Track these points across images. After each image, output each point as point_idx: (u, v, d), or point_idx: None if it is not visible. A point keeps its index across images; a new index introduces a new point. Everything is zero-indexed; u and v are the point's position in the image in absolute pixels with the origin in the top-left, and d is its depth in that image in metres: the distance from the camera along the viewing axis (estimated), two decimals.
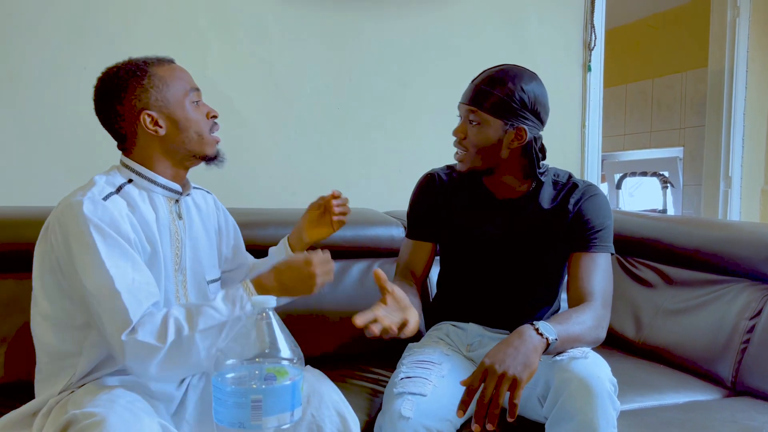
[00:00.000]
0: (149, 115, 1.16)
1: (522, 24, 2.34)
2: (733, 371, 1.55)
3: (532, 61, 2.33)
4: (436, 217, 1.49)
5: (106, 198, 1.11)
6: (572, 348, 1.20)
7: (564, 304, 1.49)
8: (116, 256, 1.06)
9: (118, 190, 1.15)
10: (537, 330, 1.15)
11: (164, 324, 1.03)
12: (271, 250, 1.47)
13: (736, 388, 1.54)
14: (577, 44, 2.42)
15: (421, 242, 1.51)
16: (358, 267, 1.78)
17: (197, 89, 1.23)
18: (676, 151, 4.00)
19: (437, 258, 1.57)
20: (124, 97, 1.16)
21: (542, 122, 1.37)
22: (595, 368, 1.13)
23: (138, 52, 1.86)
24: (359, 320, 1.09)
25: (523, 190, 1.42)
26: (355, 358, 1.63)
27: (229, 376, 0.85)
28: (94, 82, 1.82)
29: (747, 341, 1.55)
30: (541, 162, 1.40)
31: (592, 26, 2.40)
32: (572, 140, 2.46)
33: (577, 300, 1.32)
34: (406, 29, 2.19)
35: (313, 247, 1.26)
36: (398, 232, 1.82)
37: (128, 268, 1.06)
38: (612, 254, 1.40)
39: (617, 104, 4.46)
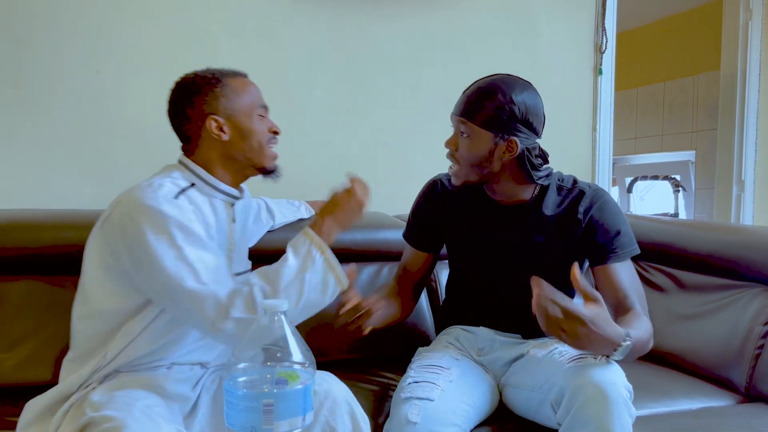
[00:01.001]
0: (215, 120, 1.22)
1: (533, 27, 2.33)
2: (747, 377, 1.53)
3: (543, 65, 2.33)
4: (435, 229, 1.50)
5: (176, 197, 1.15)
6: (631, 357, 1.16)
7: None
8: (199, 248, 1.11)
9: (182, 191, 1.19)
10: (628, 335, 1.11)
11: (251, 295, 1.08)
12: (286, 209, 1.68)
13: (751, 394, 1.53)
14: (589, 47, 2.41)
15: (417, 250, 1.53)
16: (367, 270, 1.78)
17: (265, 106, 1.30)
18: (688, 155, 3.97)
19: (445, 262, 1.57)
20: (195, 102, 1.23)
21: (536, 132, 1.34)
22: (611, 374, 1.12)
23: (149, 56, 1.90)
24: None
25: (526, 196, 1.40)
26: (365, 362, 1.63)
27: (241, 379, 0.85)
28: (106, 85, 1.86)
29: (761, 347, 1.53)
30: (544, 166, 1.37)
31: (604, 29, 2.39)
32: (583, 144, 2.45)
33: (621, 310, 1.29)
34: (416, 33, 2.19)
35: None
36: None
37: (210, 257, 1.12)
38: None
39: (629, 107, 4.44)
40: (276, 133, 1.30)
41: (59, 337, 1.44)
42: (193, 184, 1.22)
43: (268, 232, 1.64)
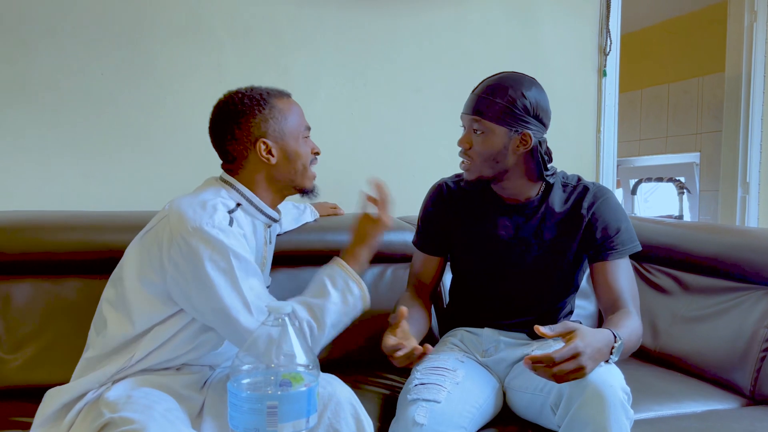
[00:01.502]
0: (265, 143, 1.23)
1: (537, 29, 2.33)
2: (751, 380, 1.53)
3: (547, 66, 2.33)
4: (445, 232, 1.50)
5: (231, 223, 1.17)
6: (623, 355, 1.18)
7: (578, 310, 1.47)
8: (251, 275, 1.14)
9: (231, 213, 1.20)
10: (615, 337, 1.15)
11: (301, 330, 1.13)
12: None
13: (755, 398, 1.52)
14: (593, 49, 2.41)
15: (429, 256, 1.53)
16: (371, 272, 1.78)
17: (309, 127, 1.32)
18: (692, 157, 3.96)
19: (449, 264, 1.57)
20: (242, 122, 1.23)
21: (545, 126, 1.38)
22: (608, 376, 1.12)
23: (153, 57, 1.90)
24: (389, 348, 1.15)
25: (532, 194, 1.42)
26: (370, 364, 1.63)
27: (245, 381, 0.85)
28: (110, 87, 1.86)
29: (766, 349, 1.52)
30: (549, 164, 1.40)
31: (608, 31, 2.39)
32: (587, 145, 2.44)
33: (612, 308, 1.32)
34: (420, 34, 2.19)
35: None
36: (412, 237, 1.81)
37: (258, 284, 1.16)
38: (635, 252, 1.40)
39: (633, 109, 4.43)
40: (317, 154, 1.33)
41: (64, 338, 1.45)
42: (239, 204, 1.23)
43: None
